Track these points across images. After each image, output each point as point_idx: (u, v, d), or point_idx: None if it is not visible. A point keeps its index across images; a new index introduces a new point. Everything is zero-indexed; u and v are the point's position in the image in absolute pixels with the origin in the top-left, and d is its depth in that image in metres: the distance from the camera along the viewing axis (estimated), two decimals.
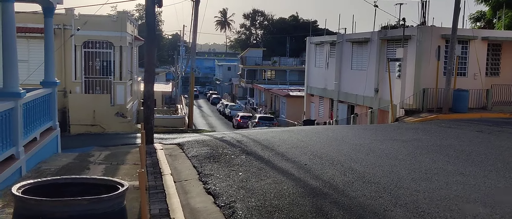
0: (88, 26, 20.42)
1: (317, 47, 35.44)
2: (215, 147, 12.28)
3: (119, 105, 20.95)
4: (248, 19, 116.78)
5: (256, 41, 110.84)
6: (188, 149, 12.37)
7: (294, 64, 74.56)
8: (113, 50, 21.00)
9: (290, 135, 13.96)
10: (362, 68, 28.31)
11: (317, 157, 9.86)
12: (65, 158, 10.53)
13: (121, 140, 17.52)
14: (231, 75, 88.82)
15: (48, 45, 11.59)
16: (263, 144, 12.24)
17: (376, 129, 15.50)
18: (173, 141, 16.00)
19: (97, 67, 21.16)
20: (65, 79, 20.54)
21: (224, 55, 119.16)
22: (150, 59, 15.05)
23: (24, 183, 4.29)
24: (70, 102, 19.89)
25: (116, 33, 20.67)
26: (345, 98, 30.28)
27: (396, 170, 8.49)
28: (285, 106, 48.38)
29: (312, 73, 36.22)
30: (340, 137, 12.93)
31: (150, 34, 14.66)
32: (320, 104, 35.16)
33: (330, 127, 17.34)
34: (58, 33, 20.25)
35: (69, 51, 20.46)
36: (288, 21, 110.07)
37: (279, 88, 55.82)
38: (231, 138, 14.31)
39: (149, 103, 15.24)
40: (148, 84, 15.11)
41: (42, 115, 10.61)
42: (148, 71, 15.07)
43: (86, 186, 4.44)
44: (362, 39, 27.82)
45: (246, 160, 9.83)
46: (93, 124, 20.01)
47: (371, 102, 26.81)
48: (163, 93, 42.19)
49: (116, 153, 11.79)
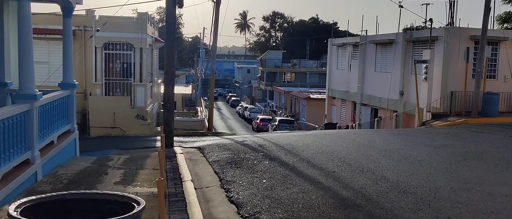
0: (109, 27, 20.23)
1: (339, 49, 34.77)
2: (236, 151, 11.84)
3: (139, 108, 20.70)
4: (268, 21, 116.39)
5: (276, 44, 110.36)
6: (209, 153, 11.96)
7: (314, 66, 73.80)
8: (133, 51, 20.77)
9: (314, 140, 13.43)
10: (386, 70, 27.56)
11: (346, 163, 9.32)
12: (83, 162, 10.21)
13: (141, 143, 17.23)
14: (250, 77, 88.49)
15: (67, 46, 11.31)
16: (287, 149, 11.74)
17: (404, 133, 14.85)
18: (193, 144, 15.63)
19: (117, 69, 20.95)
20: (86, 81, 20.39)
21: (244, 58, 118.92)
22: (170, 60, 14.71)
23: (25, 200, 3.75)
24: (90, 104, 19.71)
25: (136, 34, 20.44)
26: (369, 101, 29.55)
27: (432, 179, 7.90)
28: (306, 109, 47.75)
29: (334, 76, 35.55)
30: (367, 142, 12.35)
31: (170, 35, 14.31)
32: (342, 107, 34.47)
33: (355, 131, 16.74)
34: (78, 34, 20.12)
35: (89, 52, 20.31)
36: (308, 23, 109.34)
37: (299, 90, 55.22)
38: (253, 142, 13.86)
39: (169, 105, 14.89)
40: (168, 86, 14.77)
41: (60, 118, 10.31)
42: (168, 73, 14.73)
43: (97, 203, 3.94)
44: (387, 40, 27.08)
45: (269, 166, 9.35)
46: (113, 126, 19.80)
47: (396, 105, 26.05)
48: (183, 95, 42.02)
49: (135, 157, 11.44)
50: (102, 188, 7.87)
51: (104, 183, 8.24)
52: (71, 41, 11.39)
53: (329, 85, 36.31)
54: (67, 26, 11.28)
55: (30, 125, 7.91)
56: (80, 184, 8.10)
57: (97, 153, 14.38)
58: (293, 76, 73.47)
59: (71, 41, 11.39)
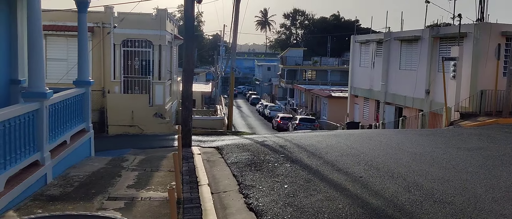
0: (127, 24, 19.93)
1: (362, 46, 33.90)
2: (256, 152, 11.31)
3: (157, 106, 20.34)
4: (289, 18, 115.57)
5: (297, 41, 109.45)
6: (228, 154, 11.46)
7: (335, 64, 72.72)
8: (152, 49, 20.42)
9: (337, 141, 12.80)
10: (412, 68, 26.66)
11: (373, 168, 8.69)
12: (97, 163, 9.81)
13: (158, 142, 16.85)
14: (270, 75, 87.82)
15: (82, 42, 10.94)
16: (309, 150, 11.15)
17: (433, 134, 14.09)
18: (211, 144, 15.16)
19: (136, 67, 20.63)
20: (104, 78, 20.13)
21: (264, 55, 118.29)
22: (189, 58, 14.25)
23: None
24: (108, 102, 19.43)
25: (155, 31, 20.07)
26: (393, 100, 28.67)
27: (470, 187, 7.23)
28: (327, 107, 46.92)
29: (357, 73, 34.70)
30: (395, 144, 11.67)
31: (188, 32, 13.84)
32: (364, 106, 33.61)
33: (381, 131, 16.04)
34: (97, 31, 19.87)
35: (108, 49, 20.03)
36: (329, 20, 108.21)
37: (320, 88, 54.35)
38: (273, 143, 13.31)
39: (187, 104, 14.44)
40: (186, 84, 14.31)
41: (74, 117, 9.94)
42: (186, 71, 14.27)
43: None
44: (412, 37, 26.17)
45: (291, 170, 8.79)
46: (131, 124, 19.48)
47: (422, 104, 25.16)
48: (203, 93, 41.70)
49: (152, 158, 11.01)
50: (114, 191, 7.42)
51: (116, 186, 7.80)
52: (86, 37, 11.01)
53: (352, 83, 35.47)
54: (82, 22, 10.90)
55: (40, 125, 7.52)
56: (91, 187, 7.67)
57: (113, 153, 14.03)
58: (314, 74, 72.48)
59: (86, 37, 11.01)
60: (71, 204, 6.66)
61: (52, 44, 19.78)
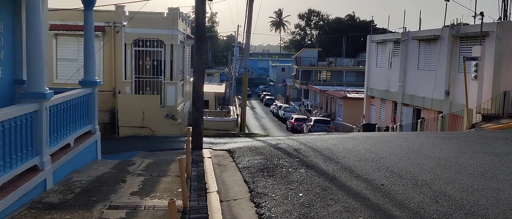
0: (139, 23, 19.55)
1: (378, 46, 33.13)
2: (269, 156, 10.78)
3: (169, 107, 19.92)
4: (303, 19, 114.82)
5: (311, 42, 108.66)
6: (239, 157, 10.95)
7: (350, 64, 71.71)
8: (163, 48, 20.00)
9: (355, 144, 12.19)
10: (431, 68, 25.86)
11: (395, 174, 8.08)
12: (102, 167, 9.37)
13: (169, 143, 16.41)
14: (285, 76, 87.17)
15: (88, 41, 10.52)
16: (325, 154, 10.57)
17: (455, 137, 13.38)
18: (223, 146, 14.67)
19: (148, 67, 20.23)
20: (115, 79, 19.77)
21: (278, 56, 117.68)
22: (200, 56, 13.76)
23: None
24: (119, 103, 19.06)
25: (167, 31, 19.65)
26: (410, 101, 27.88)
27: (503, 197, 6.59)
28: (342, 108, 46.14)
29: (373, 74, 33.93)
30: (416, 148, 11.02)
31: (199, 29, 13.36)
32: (381, 107, 32.83)
33: (400, 134, 15.36)
34: (108, 31, 19.52)
35: (119, 49, 19.66)
36: (344, 20, 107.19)
37: (336, 89, 53.54)
38: (287, 146, 12.76)
39: (198, 105, 13.95)
40: (197, 85, 13.83)
41: (78, 118, 9.51)
42: (197, 71, 13.78)
43: None
44: (431, 36, 25.37)
45: (306, 176, 8.22)
46: (142, 126, 19.09)
47: (441, 105, 24.36)
48: (216, 94, 41.28)
49: (160, 161, 10.54)
50: (116, 199, 6.95)
51: (119, 193, 7.32)
52: (92, 36, 10.59)
53: (368, 83, 34.71)
54: (88, 19, 10.49)
55: (39, 127, 7.08)
56: (93, 194, 7.21)
57: (121, 156, 13.62)
58: (329, 74, 71.64)
59: (92, 36, 10.59)
60: (69, 213, 6.20)
61: (63, 44, 19.49)
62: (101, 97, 19.64)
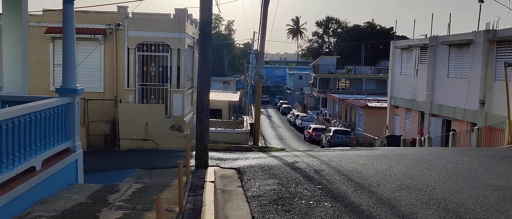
0: (143, 26, 17.88)
1: (403, 52, 30.98)
2: (285, 180, 8.89)
3: (175, 117, 18.14)
4: (321, 27, 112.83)
5: (329, 50, 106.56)
6: (249, 181, 9.08)
7: (370, 72, 69.25)
8: (170, 53, 18.27)
9: (388, 164, 10.19)
10: (462, 76, 23.65)
11: (452, 213, 6.07)
12: (77, 195, 7.55)
13: (173, 159, 14.57)
14: (302, 84, 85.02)
15: (68, 41, 8.79)
16: (354, 179, 8.61)
17: (509, 156, 11.26)
18: (232, 164, 12.80)
19: (152, 73, 18.52)
20: (117, 86, 18.09)
21: (295, 64, 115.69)
22: (205, 60, 11.94)
23: None
24: (120, 113, 17.34)
25: (173, 34, 17.94)
26: (439, 111, 25.65)
27: None
28: (363, 118, 43.91)
29: (397, 82, 31.75)
30: (465, 172, 8.96)
31: (205, 29, 11.54)
32: (406, 118, 30.60)
33: (437, 151, 13.25)
34: (109, 35, 17.87)
35: (121, 54, 18.00)
36: (363, 28, 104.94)
37: (355, 98, 51.30)
38: (307, 165, 10.84)
39: (203, 117, 12.09)
40: (202, 93, 11.97)
41: (50, 134, 7.73)
42: (202, 76, 11.94)
43: None
44: (463, 41, 23.20)
45: (333, 213, 6.28)
46: (145, 138, 17.34)
47: (474, 116, 22.12)
48: (230, 102, 39.45)
49: (151, 187, 8.70)
50: None
51: None
52: (73, 34, 8.84)
53: (392, 92, 32.52)
54: (67, 14, 8.76)
55: None
56: None
57: (112, 175, 11.85)
58: (348, 83, 69.30)
59: (73, 34, 8.84)
60: None
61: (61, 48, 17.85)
62: (102, 106, 18.01)
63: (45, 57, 17.89)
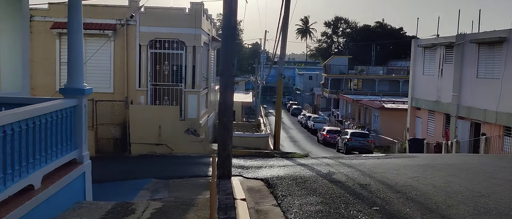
0: (155, 21, 16.57)
1: (426, 51, 29.44)
2: (329, 197, 7.56)
3: (190, 120, 16.82)
4: (330, 27, 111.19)
5: (338, 50, 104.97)
6: (286, 198, 7.77)
7: (382, 73, 67.55)
8: (185, 51, 16.95)
9: (443, 178, 8.79)
10: (494, 76, 22.12)
11: None
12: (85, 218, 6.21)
13: (190, 167, 13.24)
14: (312, 84, 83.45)
15: (74, 33, 7.46)
16: (412, 197, 7.23)
17: None
18: (257, 173, 11.45)
19: (166, 72, 17.20)
20: (128, 86, 16.79)
21: (304, 64, 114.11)
22: (228, 59, 10.58)
23: None
24: (131, 115, 16.02)
25: (189, 29, 16.61)
26: (468, 114, 24.12)
27: None
28: (378, 120, 42.37)
29: (419, 82, 30.21)
30: None
31: (229, 20, 10.18)
32: (429, 120, 29.06)
33: (491, 161, 11.79)
34: (119, 31, 16.60)
35: (132, 52, 16.69)
36: (373, 28, 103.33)
37: (370, 99, 49.73)
38: (347, 178, 9.47)
39: (226, 121, 10.73)
40: (225, 94, 10.61)
41: (53, 144, 6.40)
42: (225, 76, 10.59)
43: None
44: (495, 39, 21.68)
45: None
46: (158, 143, 16.03)
47: (508, 120, 20.59)
48: (243, 103, 38.11)
49: (173, 205, 7.35)
50: None
51: None
52: (80, 24, 7.50)
53: (413, 93, 30.99)
54: (73, 5, 7.41)
55: None
56: None
57: (125, 186, 10.52)
58: (360, 83, 67.69)
59: (80, 24, 7.50)
60: None
61: (63, 45, 16.58)
62: (111, 108, 16.71)
63: (51, 54, 16.63)
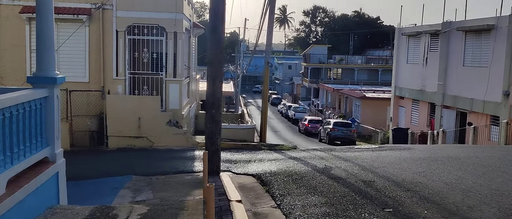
0: (134, 5, 15.47)
1: (410, 39, 28.99)
2: (333, 197, 6.87)
3: (172, 110, 15.86)
4: (308, 16, 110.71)
5: (316, 39, 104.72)
6: (285, 198, 7.05)
7: (360, 62, 67.41)
8: (165, 37, 15.93)
9: (453, 174, 8.18)
10: (481, 65, 21.78)
11: None
12: None
13: (174, 161, 12.33)
14: (291, 74, 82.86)
15: (43, 14, 6.47)
16: (426, 196, 6.56)
17: None
18: (247, 168, 10.69)
19: (145, 60, 16.16)
20: (104, 75, 15.69)
21: (283, 54, 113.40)
22: (216, 44, 9.70)
23: None
24: (108, 106, 14.97)
25: (169, 14, 15.59)
26: (453, 103, 23.79)
27: None
28: (360, 109, 42.00)
29: (403, 71, 29.80)
30: None
31: (217, 6, 9.29)
32: (413, 109, 28.72)
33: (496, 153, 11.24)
34: (95, 15, 15.46)
35: (109, 38, 15.57)
36: (351, 17, 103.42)
37: (350, 88, 49.38)
38: (347, 173, 8.80)
39: (214, 112, 9.89)
40: (213, 84, 9.77)
41: (19, 142, 5.45)
42: (213, 63, 9.72)
43: None
44: (483, 26, 21.29)
45: None
46: (138, 135, 15.05)
47: (496, 109, 20.29)
48: (225, 93, 37.10)
49: (160, 209, 6.47)
50: None
51: None
52: (50, 5, 6.51)
53: (396, 82, 30.59)
54: None
55: None
56: None
57: (102, 184, 9.57)
58: (340, 72, 67.40)
59: (50, 5, 6.51)
60: None
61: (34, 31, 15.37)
62: (87, 98, 15.61)
63: (21, 41, 15.38)
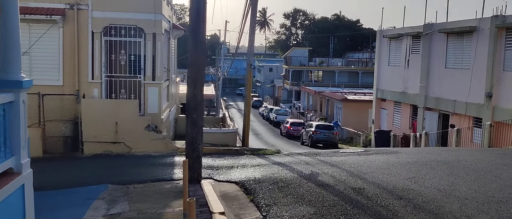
0: (110, 5, 14.87)
1: (391, 42, 28.92)
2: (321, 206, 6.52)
3: (151, 115, 15.28)
4: (289, 18, 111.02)
5: (297, 42, 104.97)
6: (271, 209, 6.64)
7: (340, 65, 67.66)
8: (143, 38, 15.36)
9: (445, 179, 7.84)
10: (463, 66, 21.74)
11: None
12: None
13: (152, 168, 11.77)
14: (273, 76, 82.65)
15: (7, 11, 5.91)
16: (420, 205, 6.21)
17: None
18: (229, 174, 10.23)
19: (122, 63, 15.56)
20: (79, 78, 15.03)
21: (263, 56, 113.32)
22: (198, 46, 9.22)
23: None
24: (83, 111, 14.31)
25: (147, 15, 15.03)
26: (436, 105, 23.71)
27: None
28: (341, 111, 41.90)
29: (385, 74, 29.71)
30: None
31: (199, 5, 8.81)
32: (395, 111, 28.62)
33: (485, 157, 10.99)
34: (69, 15, 14.80)
35: (84, 40, 14.92)
36: (331, 20, 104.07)
37: (332, 91, 49.31)
38: (334, 180, 8.40)
39: (196, 116, 9.39)
40: (194, 87, 9.27)
41: None
42: (194, 66, 9.22)
43: None
44: (465, 28, 21.24)
45: None
46: (115, 141, 14.42)
47: (478, 110, 20.24)
48: (206, 96, 36.52)
49: None
50: None
51: None
52: (16, 3, 5.95)
53: (378, 85, 30.48)
54: None
55: None
56: None
57: (74, 195, 8.96)
58: (321, 75, 67.45)
59: (16, 3, 5.95)
60: None
61: None
62: (61, 102, 14.93)
63: None
